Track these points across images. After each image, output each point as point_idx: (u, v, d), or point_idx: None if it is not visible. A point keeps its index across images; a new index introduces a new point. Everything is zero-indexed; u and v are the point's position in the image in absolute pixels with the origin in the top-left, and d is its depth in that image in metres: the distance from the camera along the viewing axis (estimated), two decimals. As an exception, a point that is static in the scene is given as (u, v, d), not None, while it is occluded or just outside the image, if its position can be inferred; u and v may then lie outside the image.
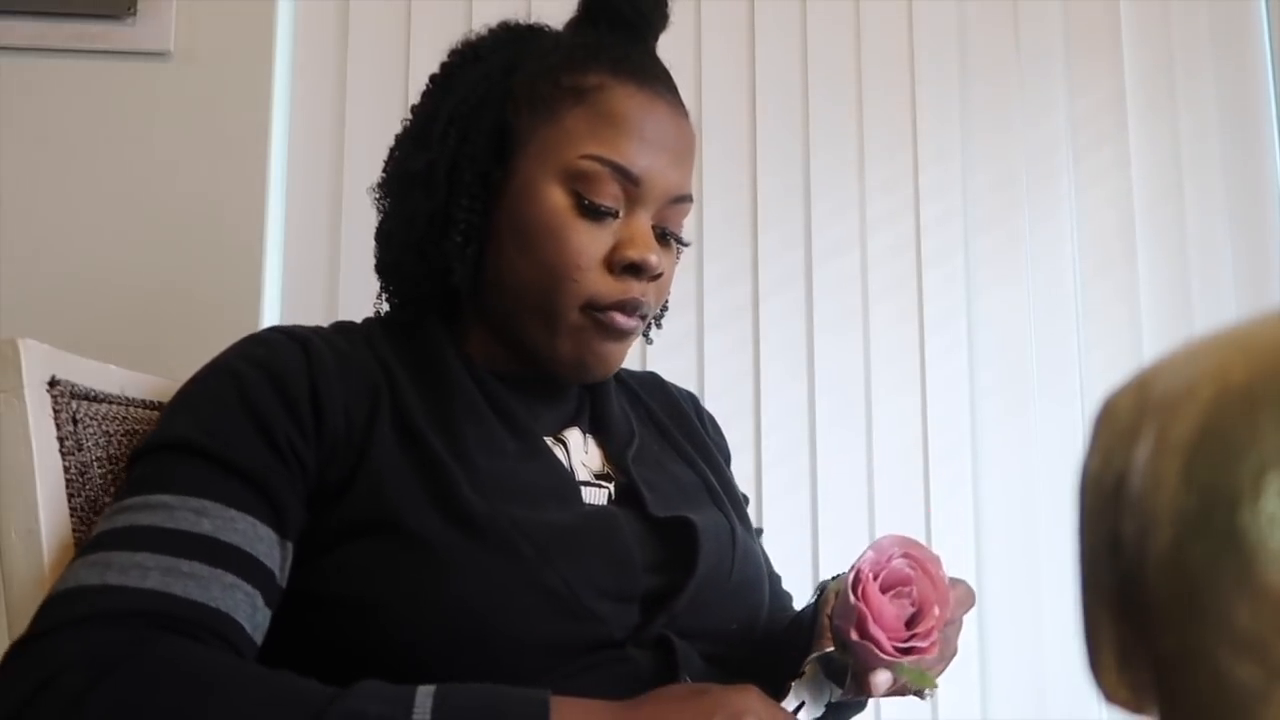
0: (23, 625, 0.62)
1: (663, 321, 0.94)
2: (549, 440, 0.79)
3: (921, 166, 1.45)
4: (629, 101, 0.77)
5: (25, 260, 1.29)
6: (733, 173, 1.43)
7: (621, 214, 0.77)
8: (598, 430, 0.84)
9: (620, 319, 0.77)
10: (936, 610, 0.64)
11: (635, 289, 0.77)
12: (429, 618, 0.65)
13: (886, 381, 1.41)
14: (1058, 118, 1.47)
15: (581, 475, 0.79)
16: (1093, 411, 0.29)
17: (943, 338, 1.42)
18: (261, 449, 0.67)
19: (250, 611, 0.64)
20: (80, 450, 0.73)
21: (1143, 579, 0.26)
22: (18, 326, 1.23)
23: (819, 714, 0.67)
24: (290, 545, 0.68)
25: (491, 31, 0.84)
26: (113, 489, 0.74)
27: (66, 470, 0.71)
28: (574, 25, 0.84)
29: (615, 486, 0.80)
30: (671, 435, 0.89)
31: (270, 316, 1.34)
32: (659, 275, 0.78)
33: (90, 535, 0.65)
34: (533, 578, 0.67)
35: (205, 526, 0.63)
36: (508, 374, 0.80)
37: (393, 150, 0.84)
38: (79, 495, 0.72)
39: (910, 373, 1.41)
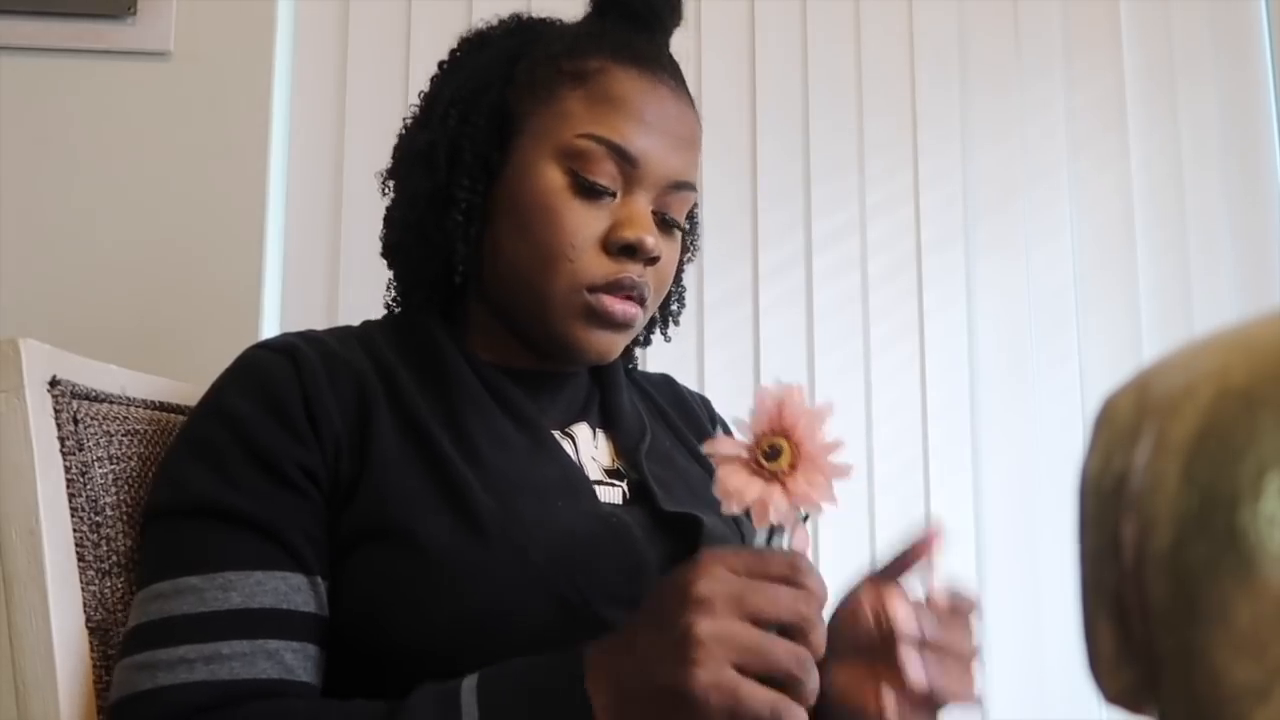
0: (23, 624, 0.62)
1: (679, 318, 0.93)
2: (556, 434, 0.78)
3: (921, 154, 1.45)
4: (629, 84, 0.76)
5: (25, 260, 1.29)
6: (733, 159, 1.44)
7: (619, 196, 0.76)
8: (608, 425, 0.84)
9: (613, 303, 0.75)
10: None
11: (631, 269, 0.75)
12: (440, 626, 0.65)
13: (886, 369, 1.41)
14: (1056, 110, 1.47)
15: (593, 472, 0.78)
16: (1092, 403, 0.29)
17: (942, 325, 1.43)
18: (273, 490, 0.67)
19: (303, 662, 0.66)
20: (81, 450, 0.73)
21: (1143, 579, 0.26)
22: (18, 326, 1.23)
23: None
24: (321, 579, 0.68)
25: (502, 21, 0.85)
26: (113, 489, 0.74)
27: (67, 470, 0.71)
28: (585, 20, 0.84)
29: (628, 484, 0.79)
30: (683, 434, 0.88)
31: (270, 316, 1.34)
32: (656, 259, 0.76)
33: (131, 624, 0.67)
34: (544, 585, 0.66)
35: (235, 600, 0.65)
36: (512, 368, 0.79)
37: (400, 135, 0.85)
38: (80, 495, 0.72)
39: (909, 360, 1.42)
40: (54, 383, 0.73)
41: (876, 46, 1.47)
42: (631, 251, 0.75)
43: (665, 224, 0.79)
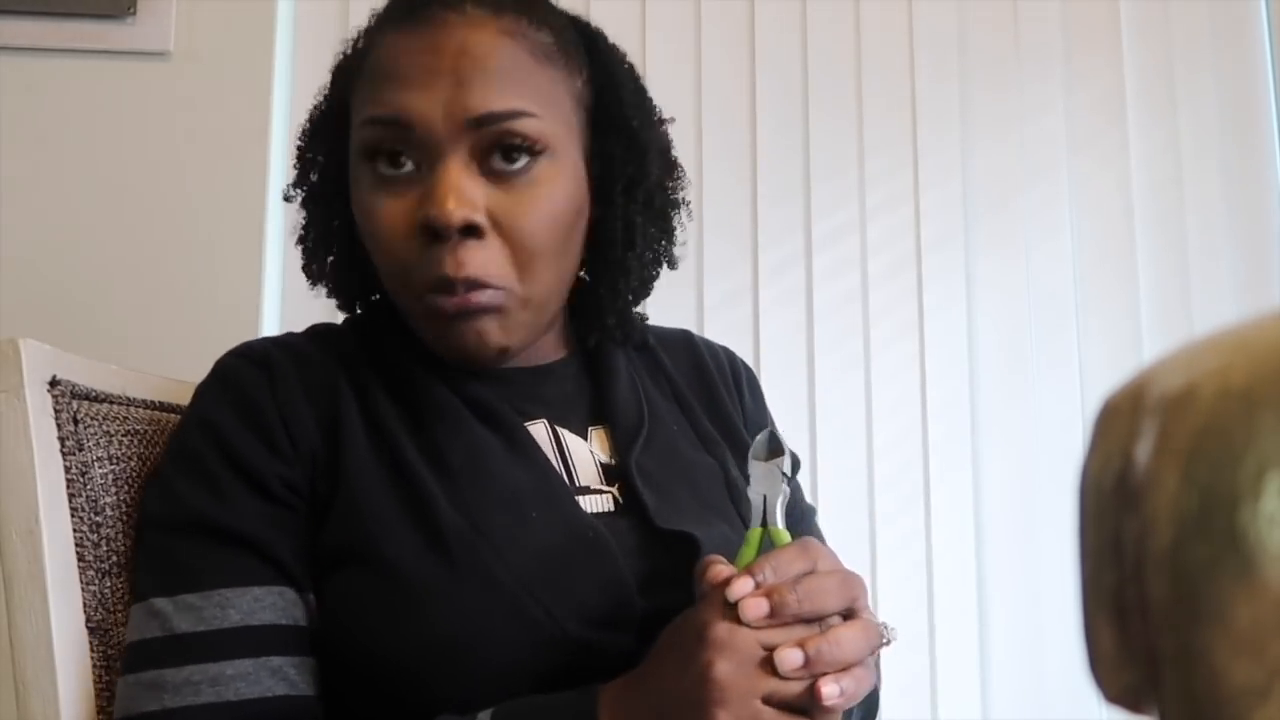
0: (23, 624, 0.62)
1: (635, 276, 0.77)
2: (542, 431, 0.74)
3: (921, 154, 1.45)
4: (392, 47, 0.68)
5: (25, 260, 1.29)
6: (733, 159, 1.44)
7: (424, 170, 0.67)
8: (603, 419, 0.78)
9: (446, 302, 0.66)
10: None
11: (447, 264, 0.65)
12: (412, 648, 0.63)
13: (886, 369, 1.42)
14: (1056, 109, 1.47)
15: (584, 474, 0.73)
16: (1092, 403, 0.29)
17: (942, 324, 1.43)
18: (260, 505, 0.67)
19: (305, 675, 0.66)
20: (81, 450, 0.73)
21: (1143, 579, 0.26)
22: (18, 326, 1.23)
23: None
24: (310, 593, 0.68)
25: (360, 30, 0.78)
26: (113, 489, 0.74)
27: (67, 470, 0.71)
28: None
29: (619, 489, 0.74)
30: (693, 413, 0.82)
31: (270, 316, 1.34)
32: (473, 225, 0.65)
33: (129, 640, 0.66)
34: (512, 608, 0.63)
35: (234, 618, 0.64)
36: (485, 369, 0.74)
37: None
38: (79, 495, 0.72)
39: (909, 360, 1.42)
40: (54, 383, 0.73)
41: (876, 45, 1.47)
42: (434, 233, 0.65)
43: (499, 169, 0.67)
